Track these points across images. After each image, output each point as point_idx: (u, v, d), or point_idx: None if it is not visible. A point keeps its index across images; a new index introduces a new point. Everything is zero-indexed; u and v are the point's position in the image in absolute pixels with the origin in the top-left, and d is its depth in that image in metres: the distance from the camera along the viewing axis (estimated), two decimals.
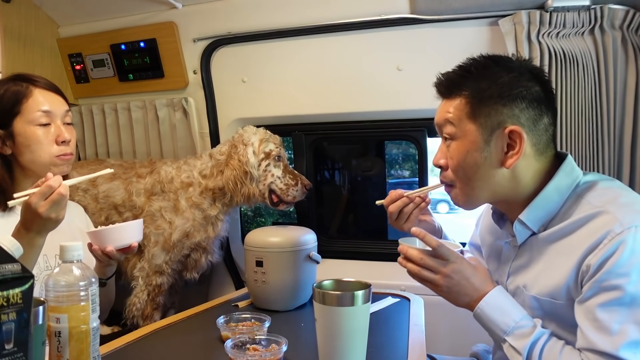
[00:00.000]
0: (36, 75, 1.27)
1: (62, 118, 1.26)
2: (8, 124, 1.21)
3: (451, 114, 0.98)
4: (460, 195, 1.02)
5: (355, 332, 0.88)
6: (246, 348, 0.96)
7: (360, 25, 1.71)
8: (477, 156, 0.96)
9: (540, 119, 0.96)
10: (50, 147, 1.22)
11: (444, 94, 1.02)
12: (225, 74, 1.94)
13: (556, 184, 0.96)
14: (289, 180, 1.71)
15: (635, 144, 1.45)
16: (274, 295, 1.36)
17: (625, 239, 0.82)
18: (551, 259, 0.94)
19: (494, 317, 0.95)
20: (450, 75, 1.00)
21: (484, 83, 0.95)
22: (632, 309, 0.82)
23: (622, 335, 0.81)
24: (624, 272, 0.82)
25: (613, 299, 0.82)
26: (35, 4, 1.94)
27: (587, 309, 0.86)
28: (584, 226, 0.89)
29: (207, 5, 1.84)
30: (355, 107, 1.81)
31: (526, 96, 0.94)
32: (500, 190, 0.98)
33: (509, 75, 0.95)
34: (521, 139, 0.93)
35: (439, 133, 1.04)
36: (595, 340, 0.83)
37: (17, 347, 0.62)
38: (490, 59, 0.99)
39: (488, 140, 0.95)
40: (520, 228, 0.99)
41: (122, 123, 2.11)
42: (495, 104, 0.94)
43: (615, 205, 0.88)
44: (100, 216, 1.83)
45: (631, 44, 1.43)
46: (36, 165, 1.23)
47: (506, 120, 0.94)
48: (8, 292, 0.61)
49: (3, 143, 1.21)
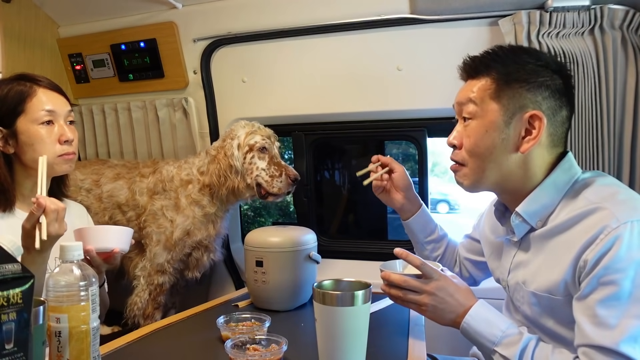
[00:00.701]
0: (39, 75, 1.27)
1: (65, 117, 1.26)
2: (11, 123, 1.21)
3: (475, 93, 0.99)
4: (469, 175, 1.03)
5: (355, 332, 0.88)
6: (246, 348, 0.96)
7: (360, 25, 1.71)
8: (495, 136, 0.97)
9: (560, 111, 0.98)
10: (53, 146, 1.22)
11: (470, 74, 1.03)
12: (225, 74, 1.94)
13: (553, 179, 0.97)
14: (273, 171, 1.69)
15: (635, 144, 1.45)
16: (274, 295, 1.36)
17: (621, 234, 0.83)
18: (549, 254, 0.95)
19: (480, 329, 0.96)
20: (478, 57, 1.02)
21: (511, 66, 0.97)
22: (630, 304, 0.82)
23: (621, 330, 0.82)
24: (621, 268, 0.82)
25: (611, 294, 0.83)
26: (35, 4, 1.94)
27: (586, 305, 0.86)
28: (581, 222, 0.90)
29: (207, 5, 1.84)
30: (355, 107, 1.81)
31: (550, 86, 0.96)
32: (510, 176, 0.99)
33: (536, 63, 0.97)
34: (541, 124, 0.94)
35: (458, 114, 1.05)
36: (594, 336, 0.84)
37: (17, 347, 0.62)
38: (519, 47, 1.03)
39: (508, 123, 0.96)
40: (518, 221, 1.00)
41: (122, 123, 2.11)
42: (520, 87, 0.96)
43: (612, 201, 0.89)
44: (104, 215, 1.84)
45: (631, 44, 1.43)
46: (36, 166, 1.23)
47: (528, 105, 0.95)
48: (8, 292, 0.62)
49: (6, 142, 1.22)
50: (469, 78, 1.03)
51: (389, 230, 2.21)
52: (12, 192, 1.21)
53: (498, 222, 1.12)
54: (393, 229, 2.14)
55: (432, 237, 1.37)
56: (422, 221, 1.36)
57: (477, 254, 1.33)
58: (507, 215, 1.08)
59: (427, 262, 1.02)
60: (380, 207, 2.16)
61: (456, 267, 1.40)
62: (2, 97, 1.21)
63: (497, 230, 1.15)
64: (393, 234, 2.18)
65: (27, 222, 1.04)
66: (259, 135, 1.71)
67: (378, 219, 2.18)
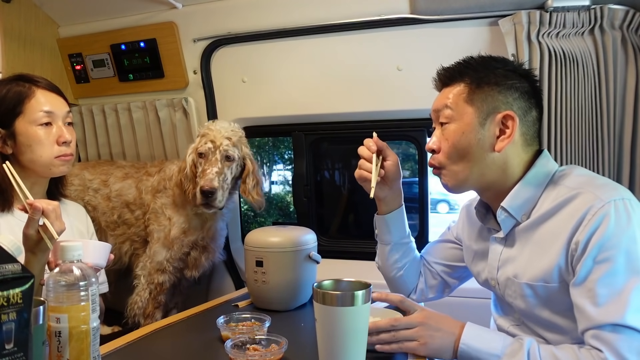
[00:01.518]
0: (38, 76, 1.27)
1: (64, 119, 1.26)
2: (10, 124, 1.21)
3: (450, 99, 1.05)
4: (450, 176, 1.07)
5: (355, 332, 0.88)
6: (246, 348, 0.97)
7: (360, 25, 1.71)
8: (472, 138, 1.02)
9: (530, 112, 1.04)
10: (51, 148, 1.23)
11: (444, 83, 1.09)
12: (225, 74, 1.94)
13: (533, 174, 1.02)
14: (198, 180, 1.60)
15: (635, 144, 1.45)
16: (274, 295, 1.36)
17: (607, 212, 0.88)
18: (537, 244, 0.99)
19: (480, 346, 0.95)
20: (452, 66, 1.09)
21: (482, 72, 1.03)
22: (627, 277, 0.85)
23: (623, 303, 0.84)
24: (613, 244, 0.86)
25: (608, 271, 0.86)
26: (35, 4, 1.94)
27: (585, 287, 0.88)
28: (565, 207, 0.95)
29: (207, 5, 1.84)
30: (356, 107, 1.81)
31: (519, 88, 1.03)
32: (489, 174, 1.04)
33: (504, 68, 1.04)
34: (514, 123, 1.00)
35: (435, 120, 1.10)
36: (599, 316, 0.85)
37: (17, 347, 0.62)
38: (489, 56, 1.08)
39: (483, 124, 1.02)
40: (504, 216, 1.03)
41: (123, 123, 2.11)
42: (492, 90, 1.02)
43: (592, 186, 0.95)
44: (112, 214, 1.86)
45: (631, 44, 1.43)
46: (36, 165, 1.23)
47: (500, 106, 1.01)
48: (8, 292, 0.61)
49: (4, 143, 1.22)
50: (444, 87, 1.09)
51: None
52: (10, 192, 1.21)
53: (477, 227, 1.16)
54: None
55: (405, 240, 1.31)
56: (401, 219, 1.28)
57: (454, 259, 1.31)
58: (489, 215, 1.12)
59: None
60: None
61: (421, 277, 1.35)
62: (0, 97, 1.21)
63: (480, 234, 1.17)
64: None
65: (30, 228, 1.02)
66: (207, 137, 1.62)
67: None
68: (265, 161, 4.51)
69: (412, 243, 1.33)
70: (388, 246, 1.30)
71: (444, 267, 1.33)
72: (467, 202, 1.27)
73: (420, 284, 1.34)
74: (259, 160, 4.47)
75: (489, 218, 1.12)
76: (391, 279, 1.35)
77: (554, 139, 1.49)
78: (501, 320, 1.13)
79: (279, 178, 4.66)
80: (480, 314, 1.26)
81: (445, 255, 1.32)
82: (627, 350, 0.83)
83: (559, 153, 1.49)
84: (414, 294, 1.35)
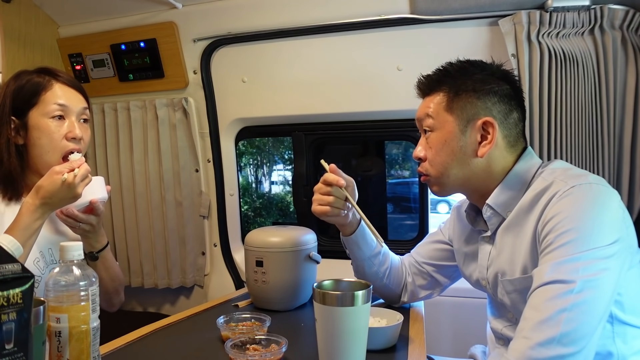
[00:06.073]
0: (60, 71, 1.26)
1: (79, 115, 1.24)
2: (24, 114, 1.20)
3: (431, 108, 1.07)
4: (436, 183, 1.09)
5: (355, 332, 0.88)
6: (246, 348, 0.97)
7: (360, 25, 1.71)
8: (454, 145, 1.04)
9: (511, 114, 1.05)
10: (59, 142, 1.20)
11: (425, 92, 1.11)
12: (225, 74, 1.94)
13: (516, 170, 1.04)
14: None
15: (635, 144, 1.45)
16: (274, 295, 1.36)
17: (571, 192, 0.90)
18: (518, 237, 0.99)
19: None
20: (430, 75, 1.10)
21: (460, 79, 1.05)
22: (586, 249, 0.83)
23: (578, 264, 0.82)
24: (575, 217, 0.86)
25: (569, 241, 0.85)
26: (35, 4, 1.94)
27: (547, 258, 0.87)
28: (540, 199, 0.95)
29: (207, 5, 1.84)
30: (355, 107, 1.81)
31: (498, 92, 1.03)
32: (474, 178, 1.05)
33: (482, 73, 1.05)
34: (493, 129, 1.01)
35: (419, 128, 1.13)
36: (554, 273, 0.83)
37: (17, 347, 0.62)
38: (466, 61, 1.09)
39: (464, 131, 1.03)
40: (489, 213, 1.05)
41: (122, 123, 2.11)
42: (470, 97, 1.03)
43: (564, 175, 0.95)
44: None
45: (631, 44, 1.43)
46: (41, 160, 1.21)
47: (480, 113, 1.03)
48: (8, 292, 0.61)
49: (17, 133, 1.20)
50: (425, 95, 1.11)
51: (389, 230, 2.21)
52: (20, 182, 1.20)
53: (468, 229, 1.17)
54: (393, 229, 2.14)
55: (376, 250, 1.28)
56: (365, 233, 1.25)
57: (444, 259, 1.30)
58: (479, 218, 1.12)
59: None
60: (380, 207, 2.17)
61: (409, 277, 1.34)
62: (19, 87, 1.20)
63: (470, 236, 1.17)
64: (393, 234, 2.18)
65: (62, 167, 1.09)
66: None
67: (378, 219, 2.17)
68: (265, 161, 4.52)
69: (384, 248, 1.30)
70: (365, 261, 1.28)
71: (433, 267, 1.32)
72: (458, 203, 1.27)
73: (410, 285, 1.33)
74: (259, 160, 4.45)
75: (479, 220, 1.13)
76: (377, 289, 1.32)
77: (554, 139, 1.49)
78: (495, 323, 1.13)
79: (279, 178, 4.66)
80: (479, 314, 1.26)
81: (435, 256, 1.32)
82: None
83: (559, 153, 1.49)
84: (404, 295, 1.34)
